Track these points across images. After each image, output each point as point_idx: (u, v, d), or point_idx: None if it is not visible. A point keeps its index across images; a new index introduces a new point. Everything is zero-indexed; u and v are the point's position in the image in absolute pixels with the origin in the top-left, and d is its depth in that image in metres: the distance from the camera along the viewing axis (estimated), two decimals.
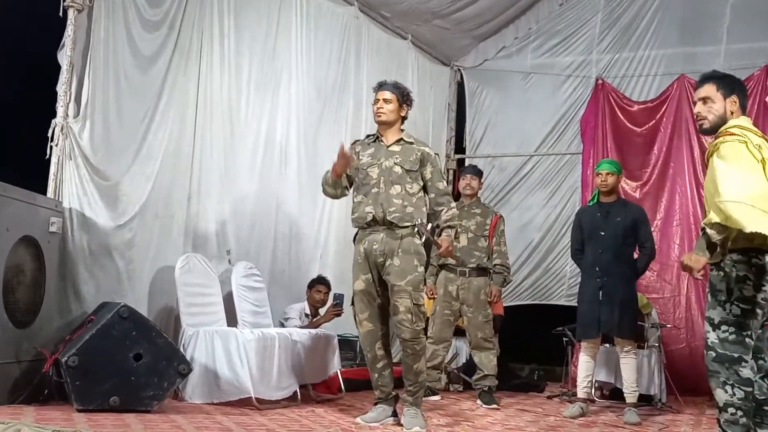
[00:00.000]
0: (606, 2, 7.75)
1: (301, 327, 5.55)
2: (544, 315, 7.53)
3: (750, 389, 3.17)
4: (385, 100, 4.36)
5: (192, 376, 4.48)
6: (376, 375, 4.36)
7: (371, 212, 4.28)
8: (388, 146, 4.37)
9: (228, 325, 5.04)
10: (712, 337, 3.25)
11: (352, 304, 4.39)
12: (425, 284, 4.61)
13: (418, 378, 4.26)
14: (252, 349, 4.58)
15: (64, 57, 4.60)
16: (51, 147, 4.57)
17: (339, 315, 5.52)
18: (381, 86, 4.42)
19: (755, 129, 3.34)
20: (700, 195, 6.81)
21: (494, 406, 5.50)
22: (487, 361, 5.71)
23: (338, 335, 5.53)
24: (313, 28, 6.32)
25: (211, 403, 4.57)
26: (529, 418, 5.05)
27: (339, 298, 5.49)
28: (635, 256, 5.42)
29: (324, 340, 5.26)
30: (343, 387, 5.42)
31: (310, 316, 5.82)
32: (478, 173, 6.06)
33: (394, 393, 4.40)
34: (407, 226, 4.25)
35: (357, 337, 5.51)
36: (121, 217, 4.84)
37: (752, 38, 7.05)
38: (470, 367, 6.20)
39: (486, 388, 5.65)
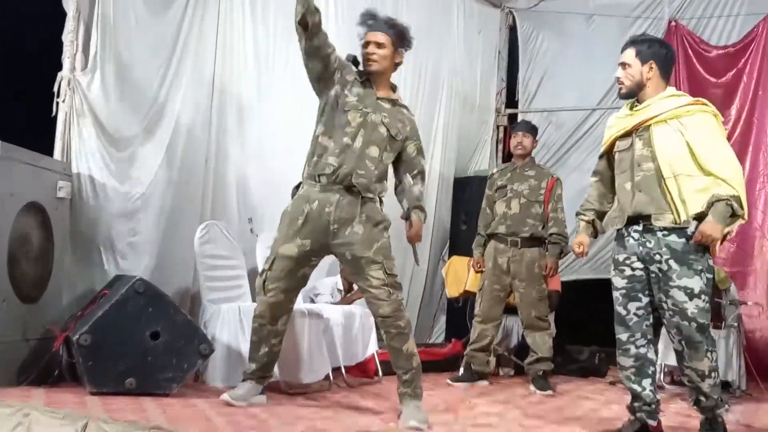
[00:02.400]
0: None
1: (333, 303, 5.60)
2: (606, 291, 7.40)
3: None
4: (378, 44, 3.99)
5: (214, 357, 4.51)
6: (266, 349, 4.10)
7: (334, 165, 3.96)
8: (378, 97, 4.07)
9: (252, 302, 5.05)
10: (691, 307, 3.60)
11: (270, 269, 4.06)
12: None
13: (412, 362, 3.95)
14: None
15: (69, 2, 4.64)
16: (57, 103, 4.62)
17: None
18: (371, 25, 4.03)
19: None
20: None
21: (549, 392, 5.50)
22: (542, 343, 5.69)
23: None
24: None
25: (234, 387, 4.58)
26: (589, 405, 5.04)
27: None
28: None
29: (359, 319, 5.29)
30: (380, 370, 5.43)
31: (342, 292, 5.86)
32: (531, 130, 5.97)
33: (269, 374, 4.22)
34: (369, 197, 3.99)
35: None
36: (136, 181, 4.89)
37: None
38: (522, 348, 6.19)
39: (540, 373, 5.65)
